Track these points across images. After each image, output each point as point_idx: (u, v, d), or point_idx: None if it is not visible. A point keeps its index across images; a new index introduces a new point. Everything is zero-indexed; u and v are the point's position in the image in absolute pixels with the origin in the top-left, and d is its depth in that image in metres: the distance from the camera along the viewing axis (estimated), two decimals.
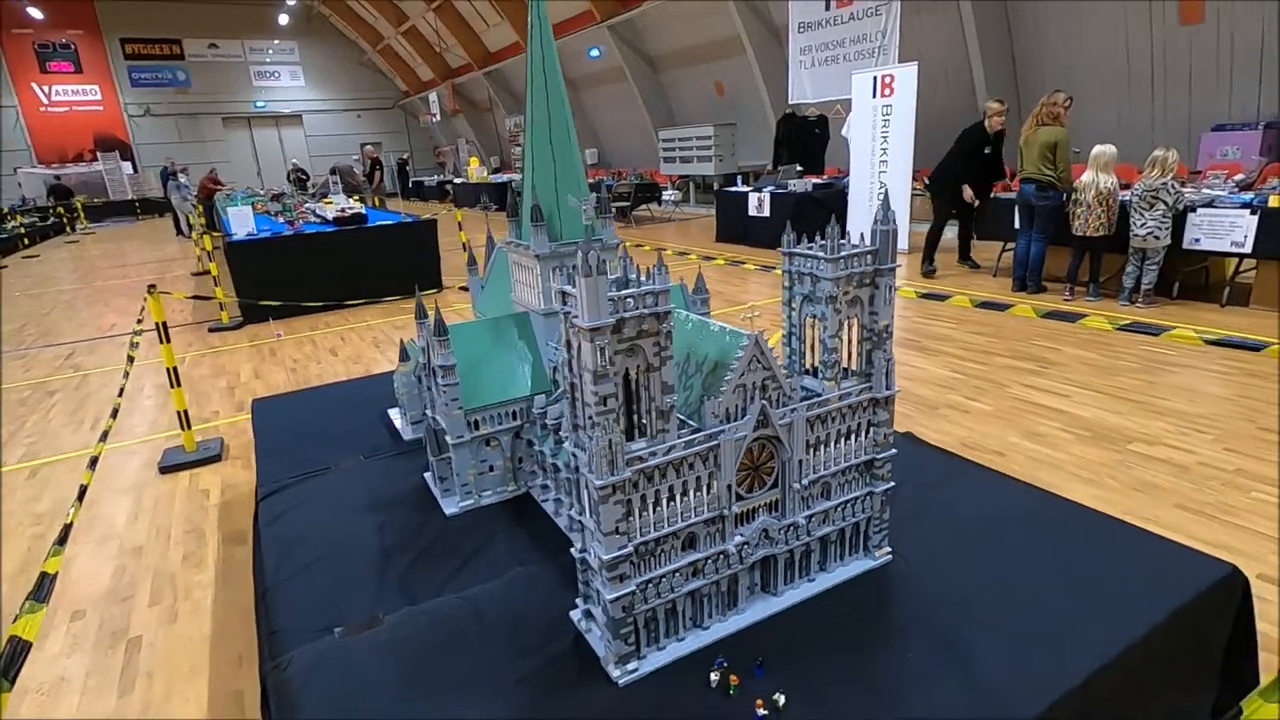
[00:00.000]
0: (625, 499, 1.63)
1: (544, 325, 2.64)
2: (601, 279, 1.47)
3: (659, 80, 20.17)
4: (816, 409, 1.89)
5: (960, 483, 2.64)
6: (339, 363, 6.64)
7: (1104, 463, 3.75)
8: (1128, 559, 2.10)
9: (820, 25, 12.48)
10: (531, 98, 2.56)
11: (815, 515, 1.98)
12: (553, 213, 2.58)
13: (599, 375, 1.52)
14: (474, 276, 3.50)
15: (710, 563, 1.83)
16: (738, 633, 1.88)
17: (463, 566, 2.27)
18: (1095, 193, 6.69)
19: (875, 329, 1.95)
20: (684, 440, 1.69)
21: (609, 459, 1.56)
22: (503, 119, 27.38)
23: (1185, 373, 5.02)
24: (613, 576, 1.65)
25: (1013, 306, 6.87)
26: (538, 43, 2.52)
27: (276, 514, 2.66)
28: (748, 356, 1.74)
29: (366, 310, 8.78)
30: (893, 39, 11.16)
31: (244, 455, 4.70)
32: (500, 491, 2.70)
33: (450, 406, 2.49)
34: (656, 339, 1.61)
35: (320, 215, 9.71)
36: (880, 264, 1.90)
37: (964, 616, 1.89)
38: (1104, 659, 1.70)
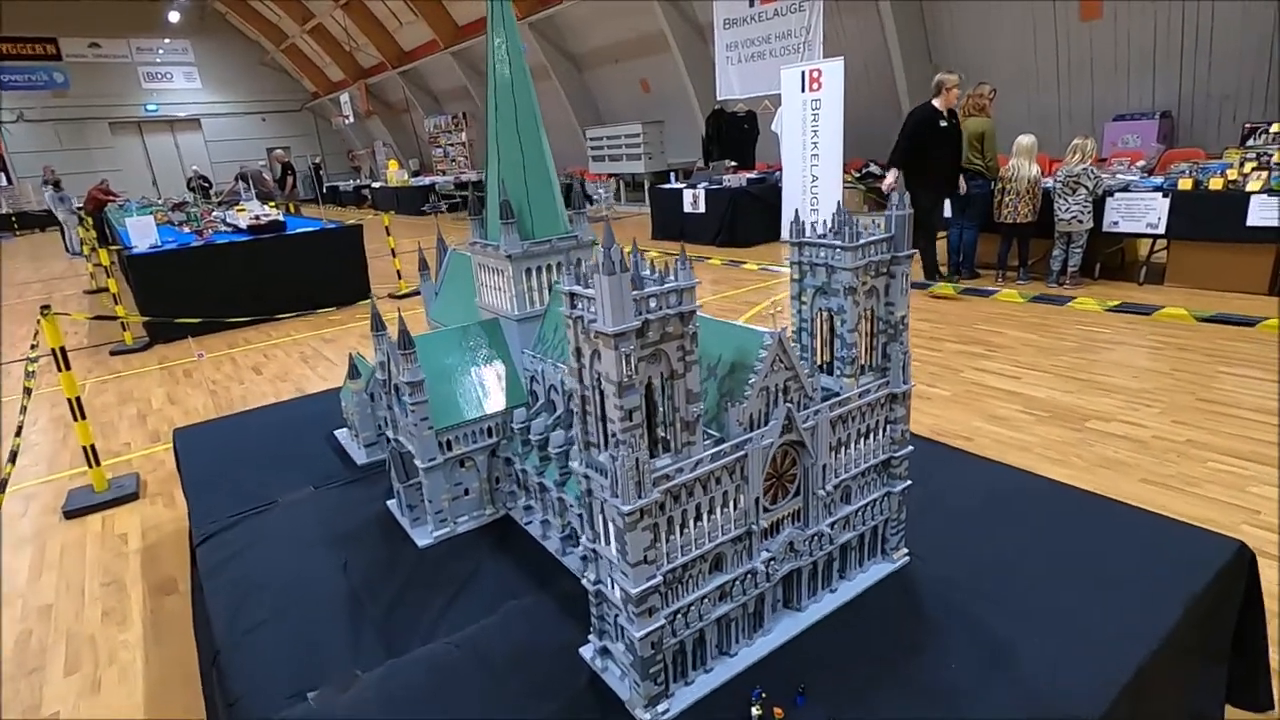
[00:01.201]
0: (652, 524, 1.45)
1: (518, 332, 2.42)
2: (626, 277, 1.28)
3: (584, 79, 19.93)
4: (839, 409, 1.76)
5: (952, 471, 2.59)
6: (265, 382, 6.14)
7: (1067, 442, 3.82)
8: (1141, 542, 2.07)
9: (745, 22, 12.57)
10: (495, 85, 2.34)
11: (837, 522, 1.85)
12: (523, 209, 2.37)
13: (624, 386, 1.33)
14: (426, 282, 3.22)
15: (738, 584, 1.67)
16: (767, 656, 1.73)
17: (449, 605, 2.03)
18: (1023, 182, 6.94)
19: (891, 320, 1.84)
20: (710, 453, 1.52)
21: (636, 480, 1.38)
22: (421, 120, 26.47)
23: (1121, 350, 5.24)
24: (641, 611, 1.47)
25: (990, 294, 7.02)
26: (500, 24, 2.30)
27: (220, 560, 2.33)
28: (770, 357, 1.59)
29: (290, 324, 8.20)
30: (817, 35, 11.35)
31: (165, 491, 4.23)
32: (477, 516, 2.46)
33: (420, 427, 2.24)
34: (681, 342, 1.43)
35: (232, 224, 9.01)
36: (896, 251, 1.78)
37: (996, 614, 1.81)
38: (1149, 650, 1.64)
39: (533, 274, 2.39)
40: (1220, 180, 6.31)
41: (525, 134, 2.36)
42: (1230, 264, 6.41)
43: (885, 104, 12.46)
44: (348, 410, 3.15)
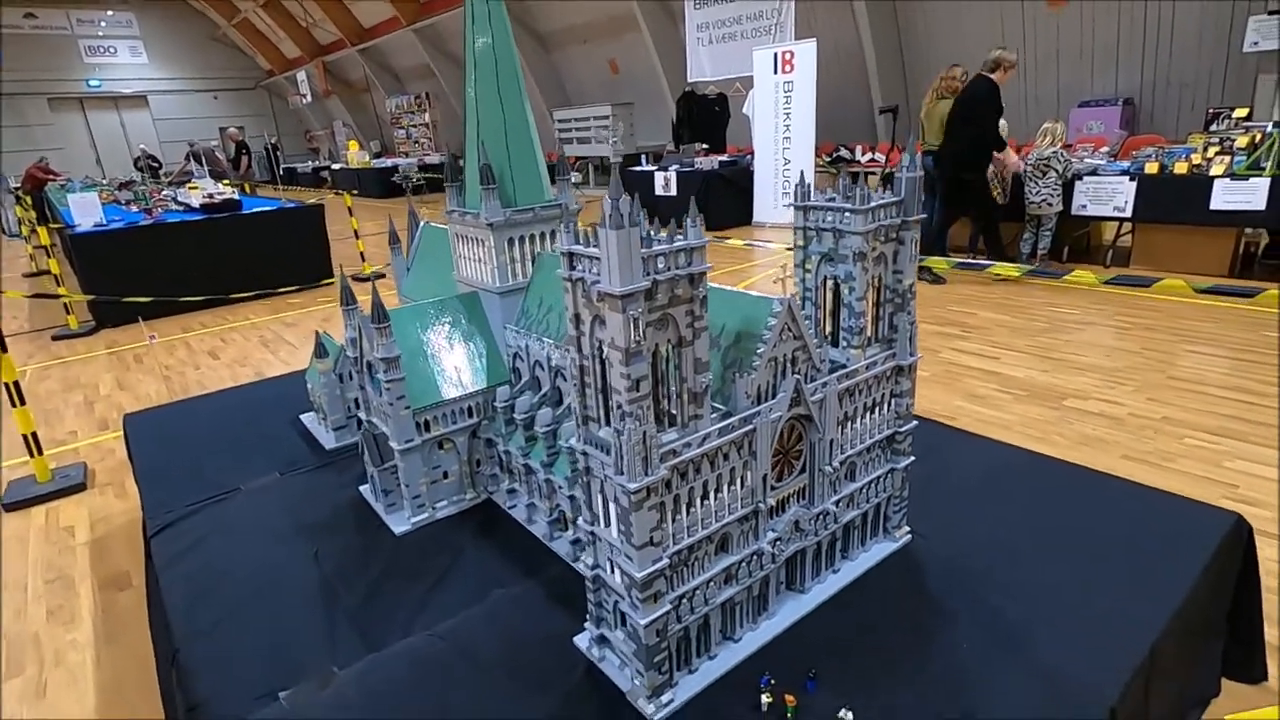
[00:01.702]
0: (659, 503, 1.34)
1: (499, 305, 2.28)
2: (635, 232, 1.17)
3: (551, 59, 19.54)
4: (847, 381, 1.68)
5: (948, 449, 2.54)
6: (222, 367, 5.85)
7: (1047, 420, 3.84)
8: (1141, 518, 2.04)
9: (716, 2, 12.42)
10: (473, 39, 2.18)
11: (842, 499, 1.78)
12: (505, 174, 2.23)
13: (632, 353, 1.22)
14: (398, 256, 3.05)
15: (744, 565, 1.58)
16: (772, 641, 1.65)
17: (430, 595, 1.91)
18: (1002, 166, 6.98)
19: (899, 289, 1.76)
20: (718, 427, 1.42)
21: (643, 456, 1.27)
22: (382, 100, 25.68)
23: (1091, 329, 5.30)
24: (647, 596, 1.37)
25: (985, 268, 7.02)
26: None
27: (177, 552, 2.17)
28: (780, 325, 1.50)
29: (248, 306, 7.85)
30: (788, 17, 11.26)
31: (116, 481, 3.98)
32: (457, 501, 2.33)
33: (396, 407, 2.09)
34: (690, 306, 1.33)
35: (184, 203, 8.58)
36: (906, 215, 1.70)
37: (1003, 594, 1.76)
38: (1160, 628, 1.60)
39: (515, 244, 2.26)
40: (1185, 164, 6.43)
41: (507, 96, 2.22)
42: (1194, 246, 6.54)
43: (856, 87, 12.47)
44: (314, 392, 2.97)
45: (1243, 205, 6.01)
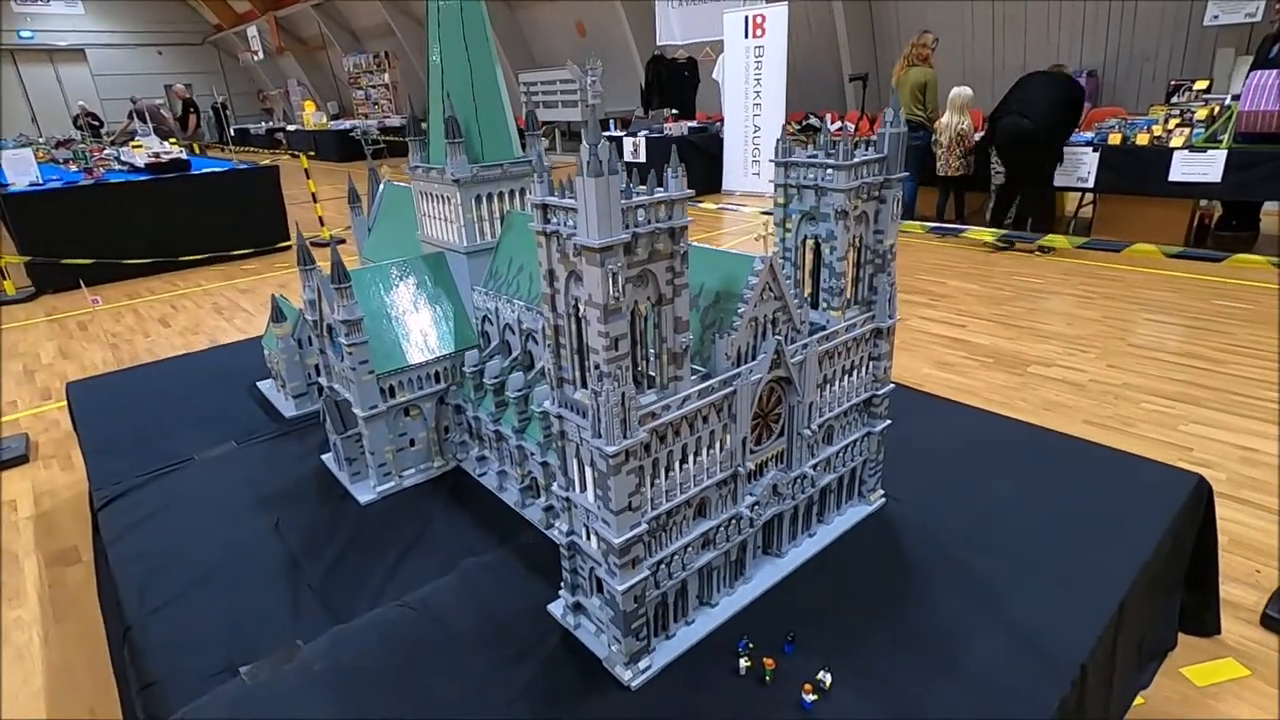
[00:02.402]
0: (638, 466, 1.30)
1: (467, 266, 2.19)
2: (615, 179, 1.10)
3: (515, 18, 18.92)
4: (827, 343, 1.64)
5: (921, 413, 2.54)
6: (174, 334, 5.61)
7: (1011, 386, 3.90)
8: (1107, 479, 2.08)
9: None
10: None
11: (820, 463, 1.76)
12: (471, 128, 2.12)
13: (610, 310, 1.16)
14: (358, 217, 2.92)
15: (723, 530, 1.56)
16: (750, 605, 1.64)
17: (398, 565, 1.85)
18: (951, 134, 6.99)
19: (880, 250, 1.72)
20: (698, 389, 1.38)
21: (621, 418, 1.22)
22: (339, 59, 24.66)
23: (1055, 298, 5.39)
24: (625, 562, 1.33)
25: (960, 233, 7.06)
26: None
27: (128, 524, 2.06)
28: (761, 284, 1.45)
29: (200, 272, 7.53)
30: None
31: (60, 453, 3.80)
32: (425, 469, 2.26)
33: (359, 372, 2.00)
34: (671, 262, 1.27)
35: (128, 162, 8.14)
36: (889, 173, 1.66)
37: (976, 554, 1.77)
38: (1127, 585, 1.63)
39: (483, 202, 2.16)
40: (1146, 136, 6.52)
41: (474, 45, 2.10)
42: (1153, 217, 6.68)
43: (826, 55, 12.35)
44: (272, 359, 2.84)
45: (1200, 177, 6.14)
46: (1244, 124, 5.97)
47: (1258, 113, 5.86)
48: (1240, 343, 4.30)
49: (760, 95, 10.30)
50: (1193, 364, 4.06)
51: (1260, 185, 6.01)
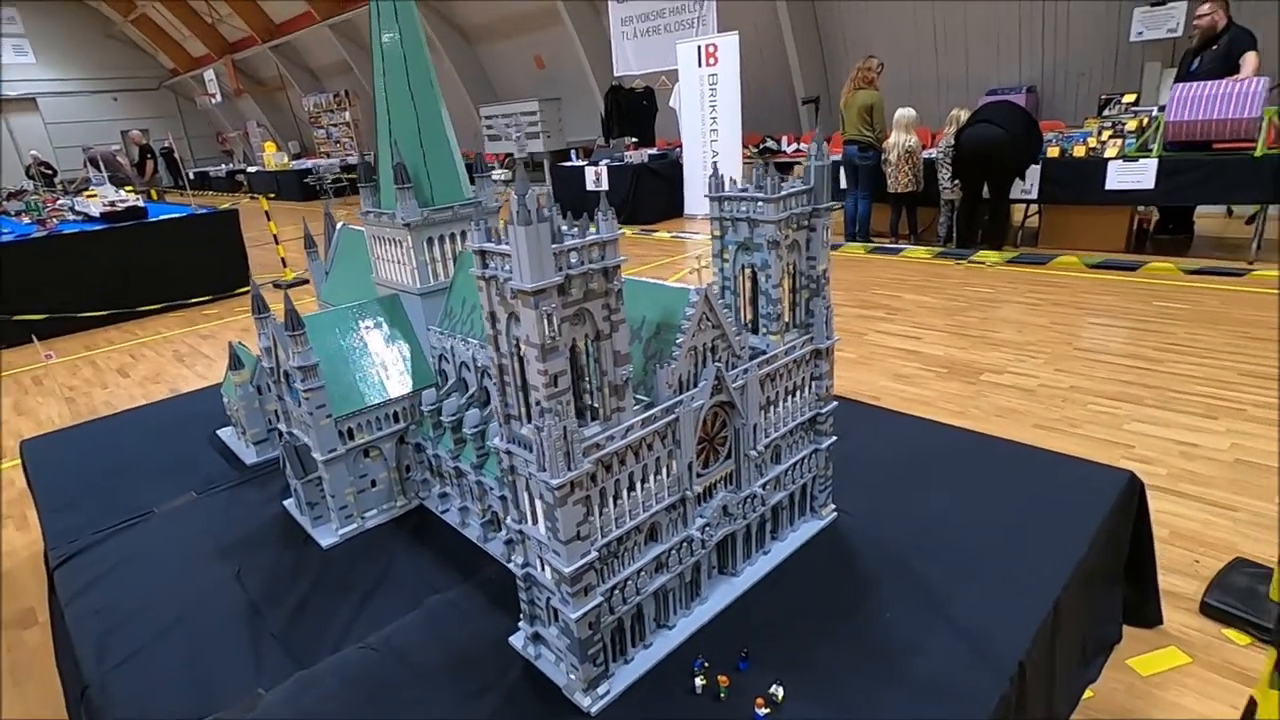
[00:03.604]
0: (584, 496, 1.35)
1: (421, 307, 2.24)
2: (544, 227, 1.17)
3: (475, 53, 19.15)
4: (767, 367, 1.72)
5: (870, 426, 2.63)
6: (133, 385, 5.52)
7: (965, 394, 4.03)
8: (1046, 481, 2.17)
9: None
10: (379, 34, 2.13)
11: (769, 482, 1.82)
12: (420, 173, 2.18)
13: (548, 349, 1.22)
14: (315, 261, 2.95)
15: (674, 553, 1.61)
16: (706, 625, 1.69)
17: (361, 606, 1.86)
18: (899, 152, 7.24)
19: (814, 275, 1.81)
20: (641, 418, 1.44)
21: (564, 451, 1.28)
22: (299, 99, 24.65)
23: (1006, 307, 5.58)
24: (576, 590, 1.37)
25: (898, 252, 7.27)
26: None
27: (85, 582, 2.04)
28: (698, 314, 1.52)
29: (160, 320, 7.43)
30: (710, 10, 11.38)
31: (16, 513, 3.72)
32: (388, 509, 2.28)
33: (316, 416, 2.03)
34: (606, 300, 1.33)
35: (83, 212, 8.04)
36: (817, 203, 1.75)
37: (923, 561, 1.85)
38: (1062, 583, 1.72)
39: (434, 244, 2.22)
40: (1083, 148, 6.83)
41: (419, 92, 2.17)
42: (1094, 224, 6.97)
43: (779, 79, 12.71)
44: (231, 406, 2.84)
45: (1135, 185, 6.43)
46: (1171, 134, 6.29)
47: (1183, 123, 6.19)
48: (1178, 341, 4.50)
49: (716, 122, 10.56)
50: (1134, 364, 4.23)
51: (1190, 190, 6.32)
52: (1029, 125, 6.75)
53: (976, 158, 6.79)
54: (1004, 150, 6.62)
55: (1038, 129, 6.88)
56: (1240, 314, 4.88)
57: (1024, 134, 6.67)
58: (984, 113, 6.83)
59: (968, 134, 6.76)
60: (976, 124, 6.67)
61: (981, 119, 6.71)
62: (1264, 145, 5.85)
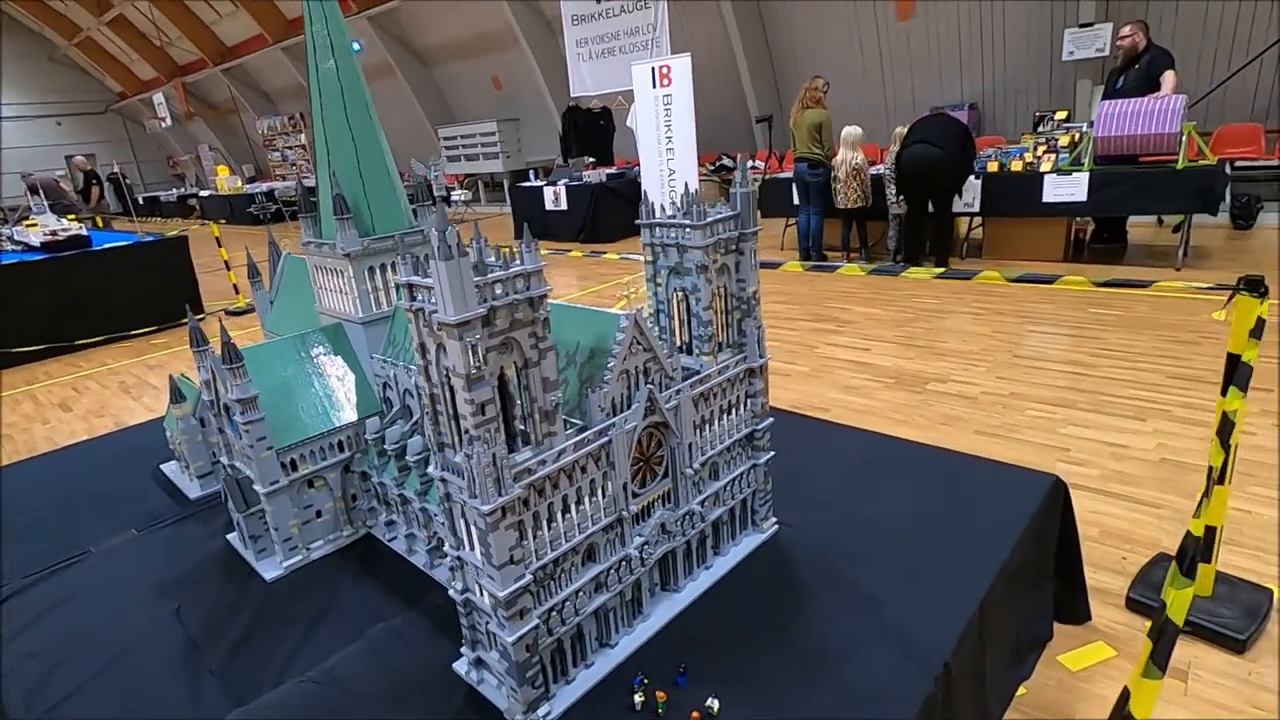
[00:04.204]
0: (516, 520, 1.38)
1: (364, 335, 2.25)
2: (465, 261, 1.21)
3: (432, 75, 19.14)
4: (700, 386, 1.77)
5: (813, 440, 2.71)
6: (76, 419, 5.36)
7: (910, 404, 4.15)
8: (976, 485, 2.27)
9: (593, 19, 12.57)
10: (316, 68, 2.15)
11: (708, 499, 1.87)
12: (360, 204, 2.20)
13: (473, 379, 1.25)
14: (259, 292, 2.93)
15: (613, 572, 1.64)
16: (648, 642, 1.72)
17: (304, 638, 1.85)
18: (846, 169, 7.46)
19: (744, 296, 1.88)
20: (573, 442, 1.48)
21: (494, 477, 1.31)
22: (253, 122, 24.29)
23: (952, 317, 5.77)
24: (512, 614, 1.40)
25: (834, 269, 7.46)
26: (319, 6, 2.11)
27: (18, 627, 2.00)
28: (628, 339, 1.57)
29: (106, 351, 7.22)
30: (663, 32, 11.56)
31: None
32: (334, 539, 2.26)
33: (257, 449, 2.02)
34: (533, 329, 1.37)
35: (23, 241, 7.80)
36: (744, 228, 1.82)
37: (859, 568, 1.91)
38: (989, 583, 1.79)
39: (376, 273, 2.23)
40: (1020, 163, 7.12)
41: (356, 122, 2.19)
42: (1033, 236, 7.26)
43: (733, 98, 12.98)
44: (174, 440, 2.80)
45: (1069, 197, 6.73)
46: (1100, 148, 6.61)
47: (1110, 138, 6.51)
48: (1110, 347, 4.71)
49: (672, 140, 10.71)
50: (1070, 370, 4.41)
51: (1120, 202, 6.63)
52: (964, 140, 7.01)
53: (917, 177, 7.03)
54: (940, 170, 6.88)
55: (972, 143, 7.14)
56: (1168, 319, 5.13)
57: (960, 151, 6.92)
58: (921, 131, 7.06)
59: (907, 154, 6.99)
60: (915, 144, 6.90)
61: (919, 139, 6.94)
62: (1185, 158, 6.18)
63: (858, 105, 11.71)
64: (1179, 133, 6.17)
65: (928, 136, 6.86)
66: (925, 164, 6.82)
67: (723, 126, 13.26)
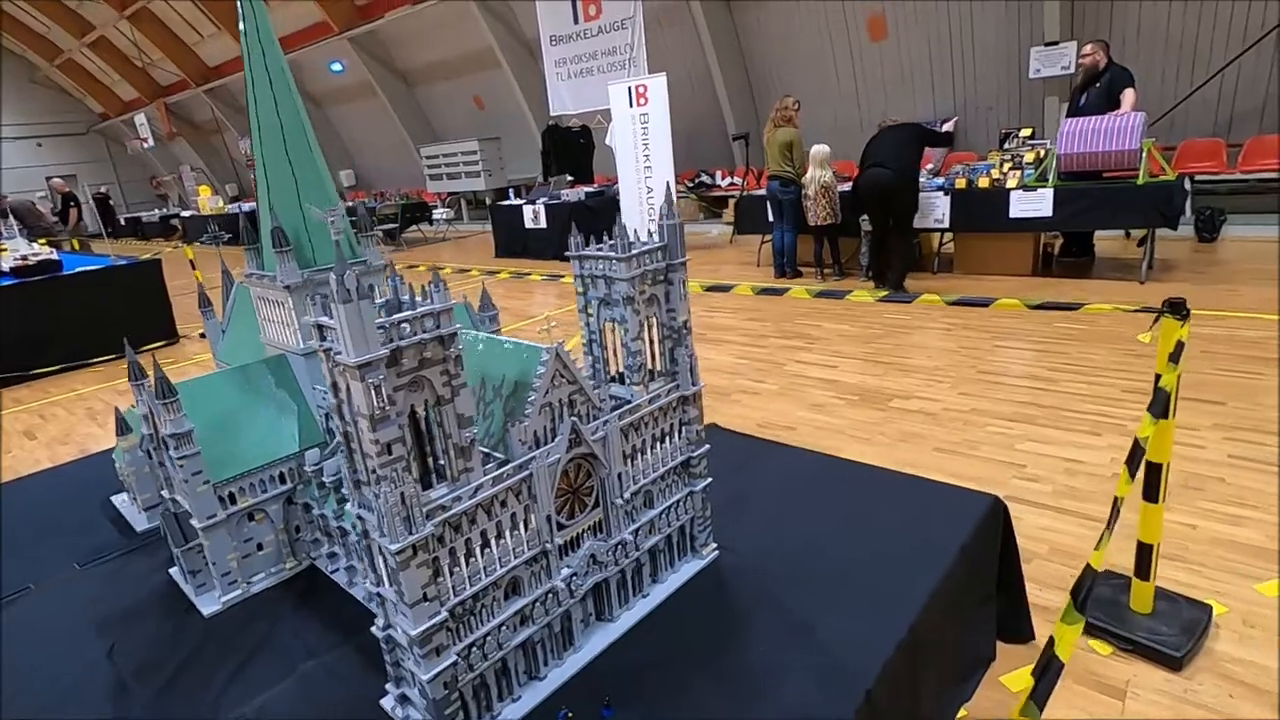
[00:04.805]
0: (430, 558, 1.38)
1: (305, 367, 2.25)
2: (366, 304, 1.22)
3: (414, 95, 19.26)
4: (629, 417, 1.79)
5: (761, 462, 2.73)
6: (40, 447, 5.30)
7: (873, 421, 4.18)
8: (914, 506, 2.28)
9: (571, 39, 12.73)
10: (255, 101, 2.17)
11: (641, 528, 1.88)
12: (300, 235, 2.21)
13: (377, 419, 1.26)
14: (210, 320, 2.93)
15: (539, 605, 1.64)
16: (579, 673, 1.72)
17: (235, 676, 1.83)
18: (816, 187, 7.55)
19: (675, 326, 1.90)
20: (491, 477, 1.48)
21: (403, 516, 1.31)
22: (235, 141, 24.29)
23: (920, 333, 5.83)
24: (427, 652, 1.40)
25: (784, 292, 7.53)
26: (254, 36, 2.14)
27: None
28: (550, 372, 1.59)
29: (75, 376, 7.16)
30: (640, 51, 11.72)
31: None
32: (276, 572, 2.25)
33: (193, 483, 2.01)
34: (444, 367, 1.38)
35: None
36: (671, 259, 1.85)
37: (796, 592, 1.92)
38: (920, 604, 1.81)
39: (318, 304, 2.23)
40: (987, 179, 7.24)
41: (296, 156, 2.21)
42: (1002, 250, 7.36)
43: (711, 115, 13.14)
44: (123, 471, 2.77)
45: (1034, 213, 6.84)
46: (1063, 165, 6.73)
47: (1073, 154, 6.63)
48: (1071, 361, 4.78)
49: (650, 159, 10.82)
50: (1031, 385, 4.47)
51: (1084, 216, 6.75)
52: (916, 143, 7.06)
53: (873, 201, 7.11)
54: (893, 192, 6.92)
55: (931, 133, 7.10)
56: (1129, 331, 5.21)
57: (911, 162, 6.97)
58: (872, 153, 7.10)
59: (862, 179, 7.08)
60: (869, 168, 6.99)
61: (872, 162, 7.00)
62: (1145, 174, 6.31)
63: (832, 123, 11.87)
64: (1139, 149, 6.29)
65: (879, 158, 6.93)
66: (879, 188, 6.90)
67: (701, 143, 13.40)
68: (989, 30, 10.10)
